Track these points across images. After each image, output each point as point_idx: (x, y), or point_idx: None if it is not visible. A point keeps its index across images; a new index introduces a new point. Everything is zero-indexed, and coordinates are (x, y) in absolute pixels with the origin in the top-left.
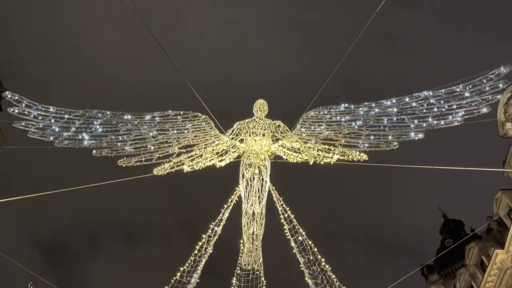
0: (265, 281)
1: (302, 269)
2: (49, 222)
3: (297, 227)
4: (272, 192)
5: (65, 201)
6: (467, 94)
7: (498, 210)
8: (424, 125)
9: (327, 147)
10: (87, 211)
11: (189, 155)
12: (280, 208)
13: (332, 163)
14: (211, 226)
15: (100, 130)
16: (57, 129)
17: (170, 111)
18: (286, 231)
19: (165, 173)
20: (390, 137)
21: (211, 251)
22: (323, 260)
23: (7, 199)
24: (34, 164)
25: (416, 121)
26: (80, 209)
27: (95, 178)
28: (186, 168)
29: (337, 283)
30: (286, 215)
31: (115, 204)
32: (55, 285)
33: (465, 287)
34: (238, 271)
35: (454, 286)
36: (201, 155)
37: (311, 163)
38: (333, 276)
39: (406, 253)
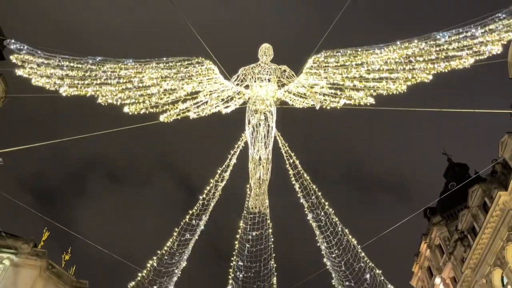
0: (271, 224)
1: (306, 212)
2: (36, 163)
3: (301, 172)
4: (277, 138)
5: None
6: (477, 34)
7: (503, 153)
8: (432, 67)
9: (333, 91)
10: (72, 152)
11: (194, 102)
12: (285, 154)
13: (338, 108)
14: (219, 171)
15: (104, 77)
16: (61, 77)
17: (174, 58)
18: (291, 176)
19: (171, 120)
20: (398, 80)
21: (219, 195)
22: (326, 203)
23: (11, 149)
24: (39, 112)
25: (424, 63)
26: (66, 151)
27: (99, 126)
28: (192, 115)
29: (340, 226)
30: (291, 161)
31: (97, 145)
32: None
33: (467, 228)
34: (245, 214)
35: (456, 227)
36: (206, 102)
37: (317, 108)
38: (336, 219)
39: (411, 196)
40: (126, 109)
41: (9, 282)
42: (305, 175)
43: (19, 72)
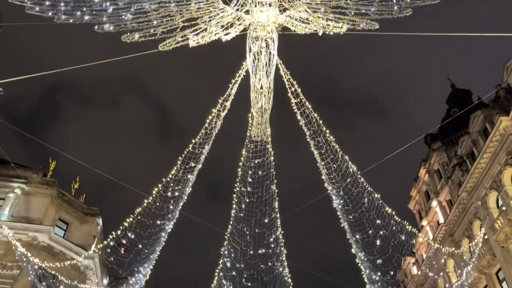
0: (272, 152)
1: (308, 140)
2: (9, 90)
3: (303, 100)
4: (279, 66)
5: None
6: None
7: (508, 78)
8: None
9: (337, 16)
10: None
11: (193, 29)
12: (287, 82)
13: (341, 33)
14: (220, 100)
15: (100, 4)
16: (55, 4)
17: None
18: (293, 104)
19: (171, 48)
20: (403, 3)
21: (221, 125)
22: (327, 131)
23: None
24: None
25: None
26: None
27: (97, 54)
28: (191, 43)
29: (340, 153)
30: (293, 89)
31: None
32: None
33: (466, 153)
34: (248, 143)
35: (455, 153)
36: (205, 29)
37: (320, 33)
38: (337, 146)
39: (412, 123)
40: (123, 38)
41: (22, 209)
42: (307, 103)
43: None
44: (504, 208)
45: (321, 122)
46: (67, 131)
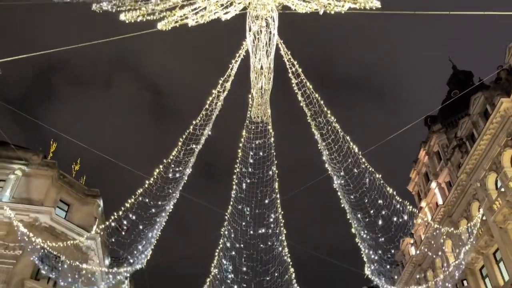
0: (273, 133)
1: (308, 121)
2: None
3: (304, 80)
4: (280, 45)
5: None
6: None
7: (509, 59)
8: None
9: None
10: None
11: (192, 7)
12: (288, 63)
13: (343, 12)
14: (220, 81)
15: None
16: None
17: None
18: (293, 85)
19: (170, 28)
20: None
21: (221, 106)
22: (328, 112)
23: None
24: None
25: None
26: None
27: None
28: (190, 23)
29: (342, 133)
30: (294, 69)
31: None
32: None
33: (466, 135)
34: (248, 124)
35: (455, 135)
36: (205, 8)
37: (321, 12)
38: (338, 127)
39: (412, 105)
40: (122, 17)
41: (23, 191)
42: (308, 83)
43: None
44: (503, 189)
45: (322, 102)
46: (62, 113)
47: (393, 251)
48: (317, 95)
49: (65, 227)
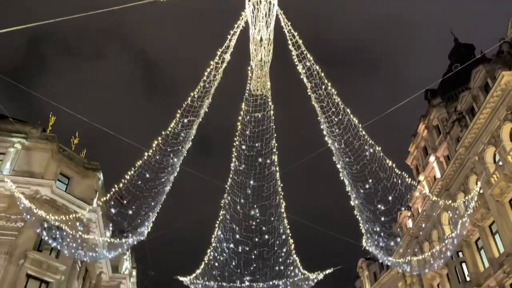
0: (272, 105)
1: (309, 93)
2: None
3: (305, 52)
4: (280, 16)
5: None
6: None
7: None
8: None
9: None
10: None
11: None
12: (288, 34)
13: None
14: (219, 53)
15: None
16: None
17: None
18: (293, 56)
19: None
20: None
21: (220, 78)
22: (329, 84)
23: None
24: None
25: None
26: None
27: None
28: None
29: (342, 106)
30: (294, 41)
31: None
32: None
33: (466, 108)
34: (247, 96)
35: (455, 109)
36: None
37: None
38: (338, 99)
39: (411, 79)
40: None
41: (23, 164)
42: (308, 55)
43: None
44: (500, 163)
45: (322, 74)
46: (55, 86)
47: (390, 224)
48: (317, 67)
49: (66, 200)
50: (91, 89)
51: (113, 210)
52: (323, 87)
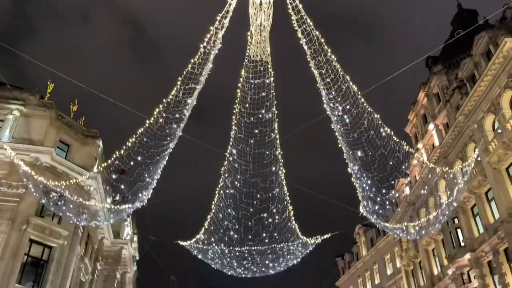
0: (272, 72)
1: (308, 59)
2: None
3: (305, 17)
4: None
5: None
6: None
7: None
8: None
9: None
10: None
11: None
12: None
13: None
14: (218, 18)
15: None
16: None
17: None
18: (293, 21)
19: None
20: None
21: (220, 44)
22: (329, 50)
23: None
24: None
25: None
26: None
27: None
28: None
29: (342, 73)
30: (294, 5)
31: None
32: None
33: (467, 76)
34: (247, 63)
35: (456, 76)
36: None
37: None
38: (338, 66)
39: (412, 46)
40: None
41: (22, 131)
42: (308, 20)
43: None
44: (499, 130)
45: (322, 40)
46: (45, 53)
47: (388, 191)
48: (317, 33)
49: (66, 167)
50: (80, 55)
51: (114, 176)
52: (323, 53)
